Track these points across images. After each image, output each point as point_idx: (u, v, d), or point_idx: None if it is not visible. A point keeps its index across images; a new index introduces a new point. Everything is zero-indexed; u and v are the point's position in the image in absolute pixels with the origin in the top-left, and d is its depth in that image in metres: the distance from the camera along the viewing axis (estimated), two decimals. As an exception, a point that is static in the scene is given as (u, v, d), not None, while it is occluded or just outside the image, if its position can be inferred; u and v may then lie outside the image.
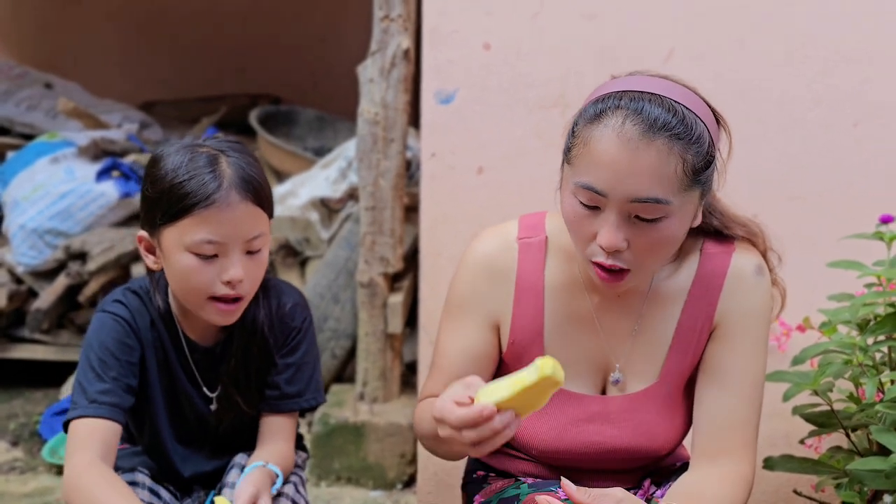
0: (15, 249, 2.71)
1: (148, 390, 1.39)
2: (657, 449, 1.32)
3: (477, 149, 1.94)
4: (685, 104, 1.14)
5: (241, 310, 1.34)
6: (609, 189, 1.11)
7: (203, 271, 1.26)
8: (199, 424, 1.44)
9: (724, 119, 1.22)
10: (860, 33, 1.81)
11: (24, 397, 2.77)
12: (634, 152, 1.10)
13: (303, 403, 1.46)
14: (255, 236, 1.29)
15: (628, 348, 1.30)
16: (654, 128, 1.10)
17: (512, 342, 1.31)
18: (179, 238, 1.26)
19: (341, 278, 2.48)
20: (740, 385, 1.27)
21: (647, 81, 1.16)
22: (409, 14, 2.15)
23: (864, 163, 1.84)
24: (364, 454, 2.27)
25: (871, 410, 1.47)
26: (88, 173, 2.71)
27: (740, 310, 1.27)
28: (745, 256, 1.28)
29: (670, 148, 1.10)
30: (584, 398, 1.31)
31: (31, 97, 3.27)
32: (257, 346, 1.41)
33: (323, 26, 4.12)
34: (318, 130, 3.29)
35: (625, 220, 1.13)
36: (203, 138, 1.34)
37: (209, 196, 1.24)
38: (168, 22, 4.22)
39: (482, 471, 1.45)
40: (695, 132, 1.12)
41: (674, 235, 1.17)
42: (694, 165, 1.12)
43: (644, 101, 1.12)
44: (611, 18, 1.87)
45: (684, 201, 1.14)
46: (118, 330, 1.34)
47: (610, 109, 1.12)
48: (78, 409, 1.29)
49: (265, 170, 1.65)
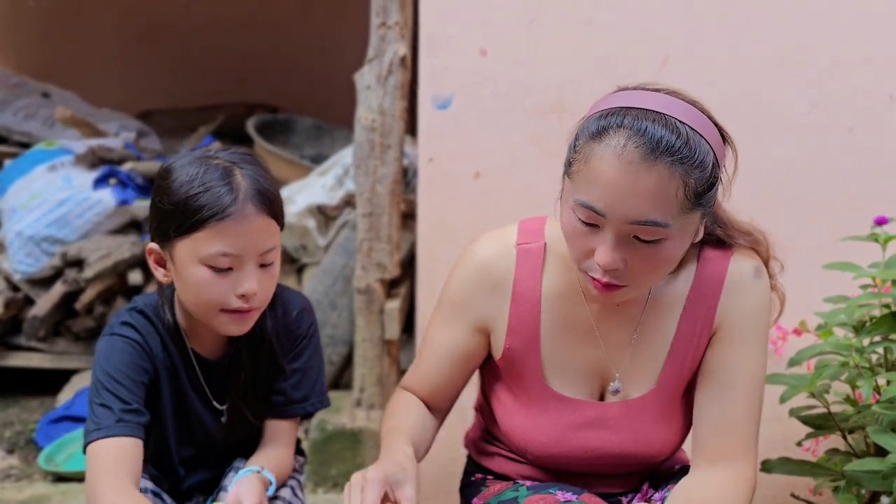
0: (11, 257, 2.71)
1: (158, 409, 1.38)
2: (655, 454, 1.32)
3: (474, 154, 1.94)
4: (690, 124, 1.10)
5: (254, 319, 1.32)
6: (608, 210, 1.09)
7: (217, 284, 1.25)
8: (207, 438, 1.43)
9: (730, 136, 1.19)
10: (854, 38, 1.83)
11: (19, 405, 2.76)
12: (635, 175, 1.07)
13: (308, 407, 1.45)
14: (269, 249, 1.28)
15: (628, 357, 1.30)
16: (657, 151, 1.07)
17: (507, 348, 1.31)
18: (194, 251, 1.24)
19: (338, 285, 2.48)
20: (740, 387, 1.25)
21: (653, 98, 1.12)
22: (406, 21, 2.16)
23: (859, 167, 1.86)
24: (361, 461, 2.26)
25: (867, 412, 1.48)
26: (85, 181, 2.71)
27: (740, 312, 1.26)
28: (743, 259, 1.27)
29: (672, 172, 1.08)
30: (582, 403, 1.31)
31: (28, 106, 3.27)
32: (265, 356, 1.41)
33: (320, 36, 4.14)
34: (315, 139, 3.30)
35: (623, 241, 1.12)
36: (214, 151, 1.32)
37: (225, 209, 1.22)
38: (166, 32, 4.24)
39: (480, 474, 1.45)
40: (698, 156, 1.09)
41: (672, 255, 1.15)
42: (696, 189, 1.10)
43: (648, 121, 1.08)
44: (607, 25, 1.88)
45: (684, 223, 1.12)
46: (131, 353, 1.32)
47: (612, 128, 1.09)
48: (103, 429, 1.25)
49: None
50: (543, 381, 1.31)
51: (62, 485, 2.24)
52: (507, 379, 1.35)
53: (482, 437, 1.47)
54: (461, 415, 2.13)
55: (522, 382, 1.32)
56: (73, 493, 2.15)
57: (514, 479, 1.38)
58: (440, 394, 1.37)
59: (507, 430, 1.36)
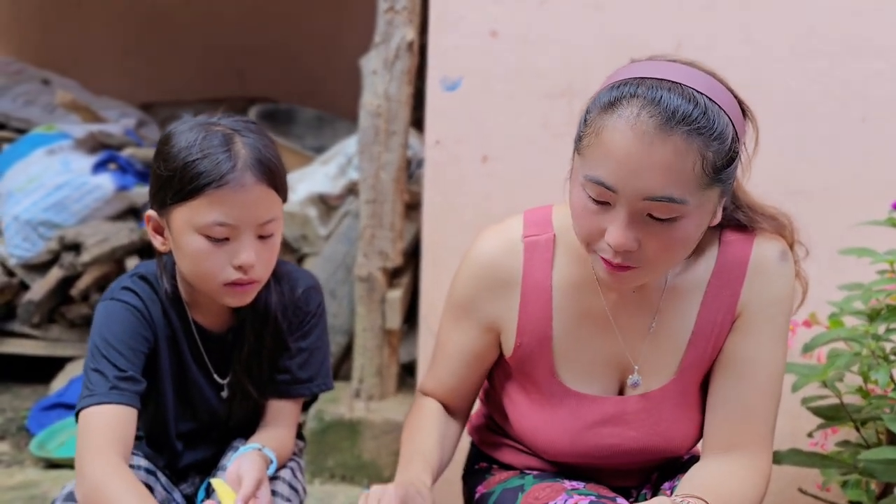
0: (8, 241, 2.67)
1: (158, 379, 1.34)
2: (675, 448, 1.26)
3: (482, 137, 1.92)
4: (708, 95, 1.04)
5: (255, 291, 1.29)
6: (620, 185, 1.03)
7: (214, 255, 1.22)
8: (208, 413, 1.39)
9: (751, 111, 1.12)
10: (869, 27, 1.81)
11: (11, 392, 2.73)
12: (649, 147, 1.00)
13: (314, 388, 1.42)
14: (268, 220, 1.24)
15: (646, 347, 1.24)
16: (673, 120, 1.00)
17: (518, 345, 1.25)
18: (190, 219, 1.21)
19: (339, 273, 2.45)
20: (760, 376, 1.20)
21: (669, 68, 1.06)
22: (414, 6, 2.14)
23: (871, 157, 1.83)
24: (359, 452, 2.22)
25: (882, 401, 1.45)
26: (84, 165, 2.68)
27: (764, 298, 1.20)
28: (768, 243, 1.21)
29: (689, 143, 1.01)
30: (600, 400, 1.25)
31: (28, 92, 3.24)
32: (270, 332, 1.37)
33: (323, 28, 4.12)
34: (317, 129, 3.27)
35: (636, 219, 1.05)
36: (217, 118, 1.28)
37: (223, 176, 1.19)
38: (168, 24, 4.22)
39: (485, 462, 1.42)
40: (717, 127, 1.02)
41: (689, 236, 1.08)
42: (714, 163, 1.03)
43: (663, 91, 1.02)
44: (619, 9, 1.86)
45: (702, 200, 1.05)
46: (132, 320, 1.28)
47: (625, 98, 1.03)
48: (96, 395, 1.21)
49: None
50: (556, 377, 1.25)
51: (53, 471, 2.21)
52: (519, 377, 1.30)
53: (487, 426, 1.43)
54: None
55: (535, 380, 1.27)
56: (64, 479, 2.11)
57: (521, 470, 1.35)
58: (458, 395, 1.34)
59: (520, 432, 1.31)
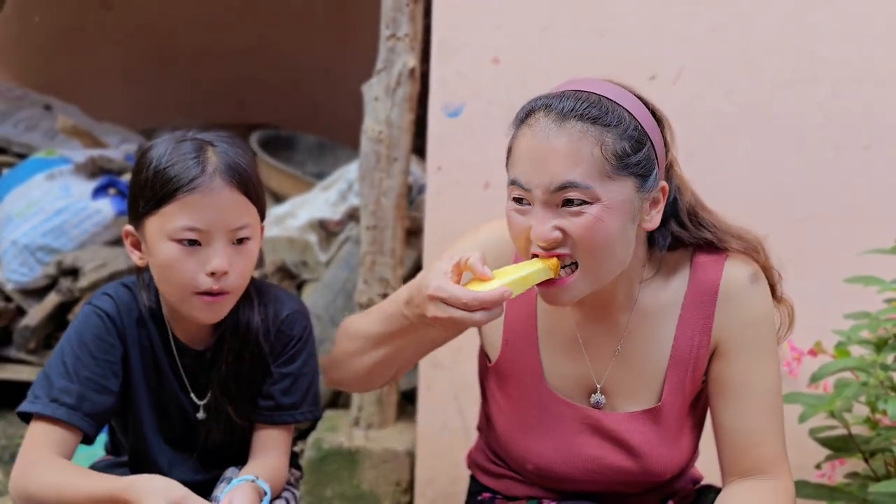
0: (5, 266, 2.65)
1: (132, 392, 1.34)
2: (659, 473, 1.26)
3: (484, 163, 1.91)
4: (609, 97, 1.14)
5: (228, 305, 1.28)
6: (530, 181, 1.12)
7: (185, 262, 1.22)
8: (188, 432, 1.38)
9: (664, 116, 1.20)
10: (871, 54, 1.81)
11: (5, 420, 2.68)
12: (546, 140, 1.11)
13: (298, 416, 1.39)
14: (240, 226, 1.24)
15: (611, 369, 1.25)
16: (567, 116, 1.11)
17: (506, 341, 1.28)
18: (162, 226, 1.22)
19: (339, 300, 2.43)
20: (759, 399, 1.21)
21: (575, 82, 1.18)
22: (416, 33, 2.15)
23: (875, 185, 1.83)
24: (358, 481, 2.19)
25: (890, 432, 1.42)
26: (84, 190, 2.67)
27: (740, 322, 1.21)
28: (738, 265, 1.22)
29: (583, 131, 1.10)
30: (582, 409, 1.26)
31: (29, 118, 3.24)
32: (250, 352, 1.36)
33: (324, 55, 4.13)
34: (318, 156, 3.28)
35: (552, 211, 1.12)
36: (193, 132, 1.30)
37: (192, 180, 1.21)
38: (170, 51, 4.23)
39: (488, 493, 1.40)
40: (611, 116, 1.12)
41: (610, 228, 1.11)
42: (615, 149, 1.10)
43: (563, 98, 1.14)
44: (621, 35, 1.86)
45: (613, 191, 1.11)
46: (99, 326, 1.29)
47: (532, 111, 1.15)
48: (38, 403, 1.25)
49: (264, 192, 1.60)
50: (543, 380, 1.27)
51: (46, 500, 2.17)
52: (506, 385, 1.30)
53: (487, 458, 1.42)
54: (465, 434, 2.07)
55: (521, 384, 1.28)
56: (58, 509, 2.07)
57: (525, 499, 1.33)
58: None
59: (506, 440, 1.31)
